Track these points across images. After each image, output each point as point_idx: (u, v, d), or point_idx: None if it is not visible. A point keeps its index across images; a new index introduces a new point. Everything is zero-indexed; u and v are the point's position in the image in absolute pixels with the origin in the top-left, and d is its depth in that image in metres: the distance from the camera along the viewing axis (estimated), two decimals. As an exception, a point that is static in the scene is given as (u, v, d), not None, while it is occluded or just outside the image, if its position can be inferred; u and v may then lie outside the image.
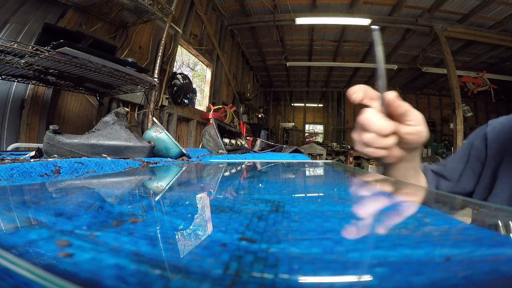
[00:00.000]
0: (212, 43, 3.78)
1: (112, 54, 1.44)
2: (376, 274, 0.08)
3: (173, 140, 0.80)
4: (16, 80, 1.22)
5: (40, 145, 0.65)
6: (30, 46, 0.94)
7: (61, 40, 0.97)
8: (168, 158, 0.77)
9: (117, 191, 0.27)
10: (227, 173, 0.48)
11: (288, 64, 5.73)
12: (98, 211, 0.17)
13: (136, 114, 2.25)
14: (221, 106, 3.66)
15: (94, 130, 0.68)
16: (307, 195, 0.31)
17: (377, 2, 3.83)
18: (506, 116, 0.53)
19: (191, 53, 3.53)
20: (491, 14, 3.73)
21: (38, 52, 0.94)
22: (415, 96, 7.51)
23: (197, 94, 3.64)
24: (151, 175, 0.42)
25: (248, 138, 3.36)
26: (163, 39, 1.94)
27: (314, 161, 0.77)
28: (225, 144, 1.13)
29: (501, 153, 0.48)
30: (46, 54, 0.95)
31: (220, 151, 1.06)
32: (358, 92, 0.32)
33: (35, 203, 0.20)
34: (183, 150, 0.83)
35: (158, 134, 0.80)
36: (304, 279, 0.08)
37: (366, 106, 0.33)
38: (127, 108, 2.13)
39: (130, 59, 1.32)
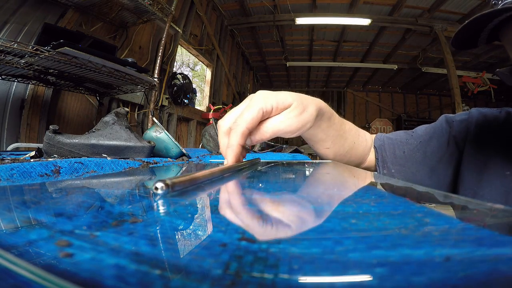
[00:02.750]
0: (212, 43, 3.78)
1: (112, 54, 1.44)
2: (376, 274, 0.08)
3: (173, 140, 0.80)
4: (16, 80, 1.22)
5: (40, 145, 0.65)
6: (30, 46, 0.94)
7: (61, 40, 0.97)
8: (168, 158, 0.77)
9: (117, 191, 0.27)
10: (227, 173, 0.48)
11: (288, 64, 5.73)
12: (98, 211, 0.17)
13: (136, 114, 2.25)
14: (221, 106, 3.66)
15: (94, 130, 0.68)
16: (306, 195, 0.31)
17: (377, 2, 3.83)
18: (491, 109, 0.51)
19: (191, 53, 3.53)
20: (491, 14, 3.73)
21: (38, 52, 0.94)
22: (415, 96, 7.50)
23: (197, 94, 3.64)
24: (151, 175, 0.42)
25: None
26: (163, 39, 1.94)
27: (314, 161, 0.77)
28: (225, 144, 1.13)
29: (484, 155, 0.47)
30: (46, 54, 0.95)
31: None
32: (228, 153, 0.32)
33: (35, 203, 0.20)
34: (183, 150, 0.83)
35: (158, 134, 0.80)
36: (304, 279, 0.08)
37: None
38: (127, 108, 2.13)
39: (130, 59, 1.32)
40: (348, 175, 0.42)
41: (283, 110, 0.35)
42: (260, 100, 0.33)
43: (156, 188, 0.18)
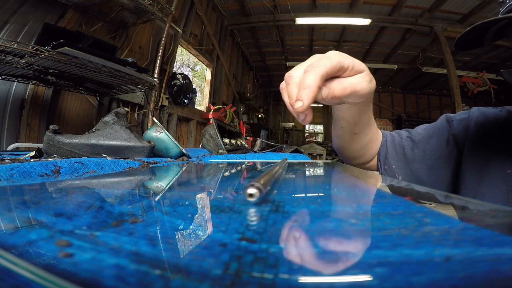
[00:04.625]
0: (212, 43, 3.78)
1: (112, 54, 1.44)
2: (376, 274, 0.08)
3: (173, 140, 0.80)
4: (16, 80, 1.22)
5: (40, 145, 0.65)
6: (30, 46, 0.94)
7: (61, 40, 0.97)
8: (168, 158, 0.77)
9: (117, 191, 0.27)
10: (227, 173, 0.48)
11: (288, 64, 5.72)
12: (98, 211, 0.17)
13: (136, 114, 2.25)
14: (221, 106, 3.66)
15: (94, 130, 0.68)
16: (307, 195, 0.31)
17: (377, 2, 3.82)
18: (491, 108, 0.50)
19: (191, 53, 3.53)
20: (491, 14, 3.73)
21: (38, 52, 0.94)
22: (415, 96, 7.50)
23: (197, 94, 3.64)
24: (151, 175, 0.42)
25: (248, 138, 3.36)
26: (163, 39, 1.93)
27: (314, 161, 0.77)
28: (225, 144, 1.13)
29: (484, 154, 0.46)
30: (46, 54, 0.95)
31: (220, 151, 1.06)
32: (299, 98, 0.28)
33: (35, 203, 0.20)
34: (183, 150, 0.83)
35: (158, 134, 0.80)
36: (304, 279, 0.08)
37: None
38: (127, 108, 2.13)
39: (130, 59, 1.32)
40: (347, 174, 0.42)
41: (356, 74, 0.33)
42: (338, 55, 0.32)
43: (251, 195, 0.17)
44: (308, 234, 0.13)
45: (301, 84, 0.29)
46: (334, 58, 0.31)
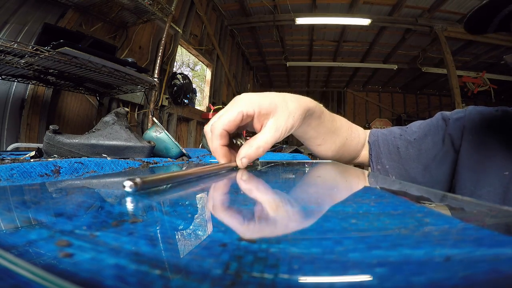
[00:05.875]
0: (212, 43, 3.78)
1: (112, 54, 1.44)
2: (376, 274, 0.08)
3: (173, 140, 0.80)
4: (16, 80, 1.22)
5: (40, 145, 0.65)
6: (30, 46, 0.94)
7: (61, 40, 0.97)
8: (168, 158, 0.77)
9: (117, 191, 0.27)
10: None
11: (288, 64, 5.72)
12: (98, 211, 0.17)
13: (136, 114, 2.25)
14: (221, 106, 3.65)
15: (94, 130, 0.68)
16: (307, 195, 0.31)
17: (377, 2, 3.82)
18: (486, 108, 0.50)
19: (191, 53, 3.53)
20: (491, 14, 3.72)
21: (38, 52, 0.94)
22: (415, 96, 7.50)
23: (197, 94, 3.64)
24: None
25: (248, 138, 3.35)
26: (163, 39, 1.94)
27: (314, 161, 0.77)
28: (225, 144, 1.12)
29: (481, 154, 0.46)
30: (46, 54, 0.95)
31: (220, 151, 1.06)
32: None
33: (35, 203, 0.20)
34: (183, 150, 0.83)
35: (158, 134, 0.80)
36: (304, 279, 0.08)
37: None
38: (127, 108, 2.12)
39: (130, 59, 1.32)
40: (347, 175, 0.42)
41: (266, 116, 0.35)
42: (241, 103, 0.34)
43: (124, 186, 0.18)
44: (308, 234, 0.13)
45: (210, 147, 0.34)
46: (235, 109, 0.33)
